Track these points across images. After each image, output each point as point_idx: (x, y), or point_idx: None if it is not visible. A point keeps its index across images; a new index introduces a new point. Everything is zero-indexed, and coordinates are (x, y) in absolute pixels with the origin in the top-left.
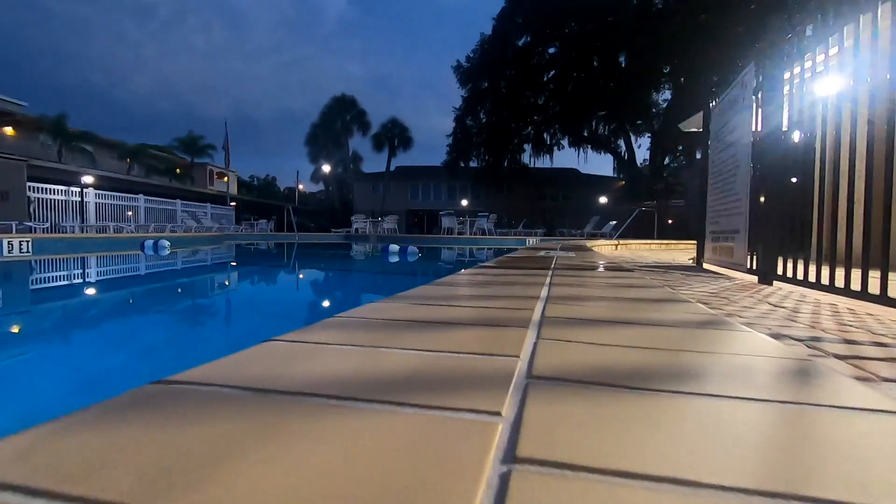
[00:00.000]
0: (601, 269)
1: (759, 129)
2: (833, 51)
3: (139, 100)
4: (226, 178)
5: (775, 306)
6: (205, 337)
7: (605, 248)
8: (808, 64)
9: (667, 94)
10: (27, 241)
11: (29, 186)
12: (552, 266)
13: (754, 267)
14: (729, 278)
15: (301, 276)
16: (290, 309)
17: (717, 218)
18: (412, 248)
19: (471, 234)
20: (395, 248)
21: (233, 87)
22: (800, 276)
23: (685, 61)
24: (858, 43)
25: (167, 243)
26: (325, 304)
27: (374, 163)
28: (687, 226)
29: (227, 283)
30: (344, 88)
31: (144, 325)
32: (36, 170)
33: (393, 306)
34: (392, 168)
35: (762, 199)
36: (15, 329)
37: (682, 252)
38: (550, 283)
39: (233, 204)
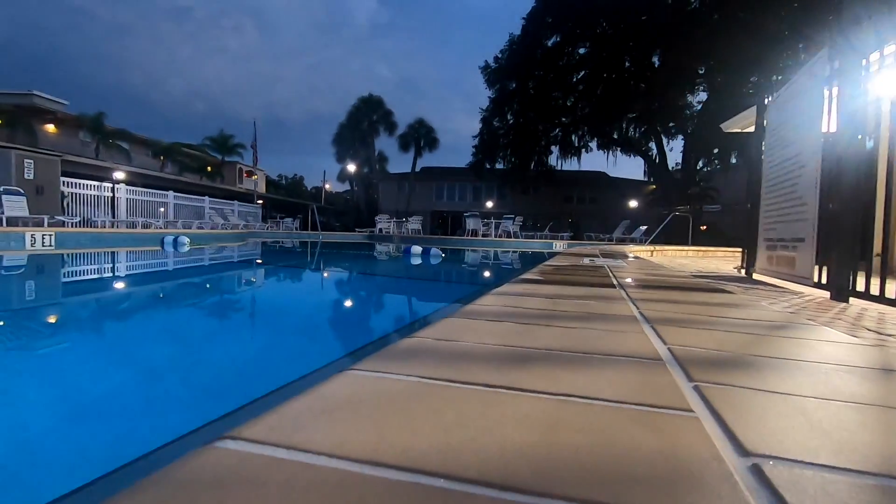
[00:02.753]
0: (677, 282)
1: (832, 124)
2: None
3: (174, 100)
4: (254, 177)
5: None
6: (210, 334)
7: (641, 255)
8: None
9: (701, 96)
10: (50, 235)
11: (63, 181)
12: (613, 278)
13: (824, 281)
14: (793, 293)
15: (320, 275)
16: (300, 310)
17: (774, 224)
18: (435, 250)
19: (496, 236)
20: (417, 249)
21: (264, 88)
22: (888, 293)
23: (722, 61)
24: None
25: (187, 240)
26: (342, 304)
27: (399, 163)
28: (722, 232)
29: (248, 281)
30: (372, 90)
31: (155, 323)
32: (70, 165)
33: (470, 326)
34: (417, 169)
35: (832, 204)
36: (43, 321)
37: (721, 260)
38: (631, 300)
39: (260, 202)
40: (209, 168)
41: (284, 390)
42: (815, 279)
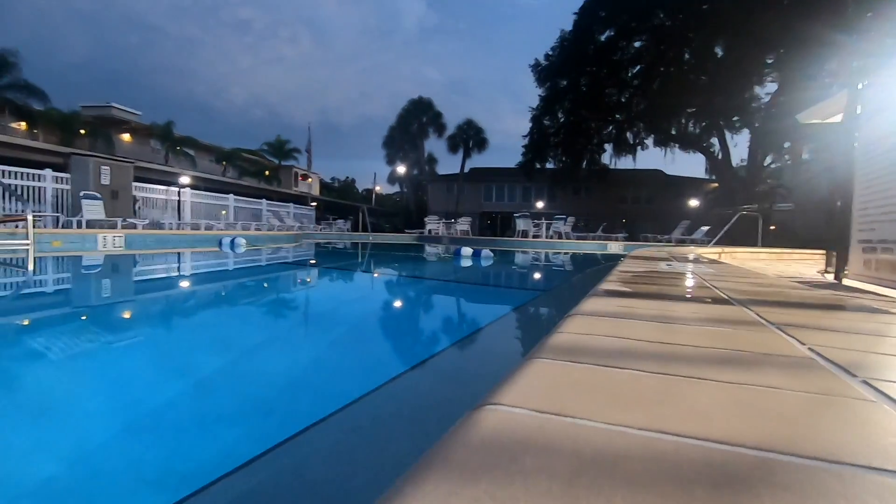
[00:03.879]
0: (800, 295)
1: None
2: None
3: (235, 108)
4: (309, 180)
5: None
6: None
7: (713, 258)
8: None
9: (770, 87)
10: (120, 237)
11: (135, 186)
12: (716, 289)
13: None
14: None
15: (370, 276)
16: (351, 312)
17: (874, 224)
18: (486, 252)
19: (546, 237)
20: (467, 251)
21: (318, 94)
22: None
23: (794, 49)
24: None
25: (243, 241)
26: (392, 309)
27: (448, 164)
28: (794, 232)
29: (302, 281)
30: (421, 93)
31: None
32: (142, 171)
33: (567, 379)
34: (466, 170)
35: None
36: (112, 318)
37: (800, 263)
38: (774, 325)
39: (314, 204)
40: (267, 172)
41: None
42: None
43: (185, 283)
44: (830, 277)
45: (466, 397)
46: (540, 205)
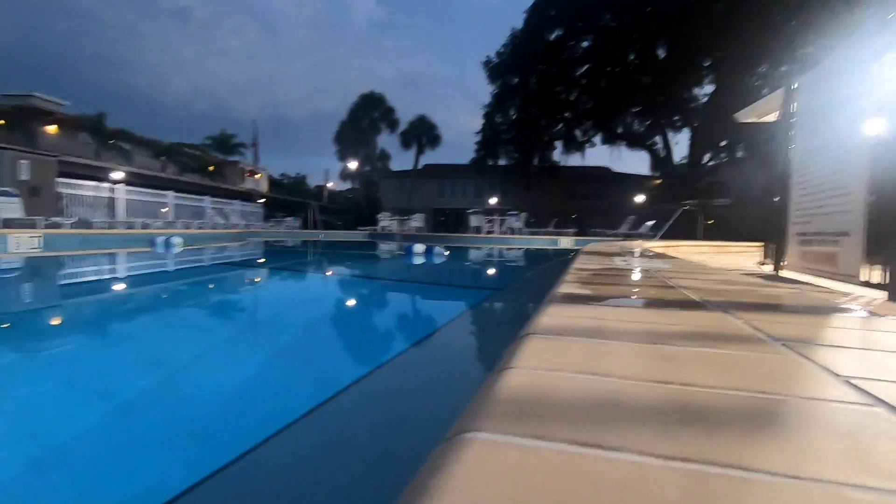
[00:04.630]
0: (772, 294)
1: (886, 100)
2: None
3: (177, 101)
4: (257, 176)
5: None
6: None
7: (656, 250)
8: None
9: (708, 88)
10: (38, 237)
11: (59, 182)
12: (682, 289)
13: (884, 280)
14: (843, 293)
15: (319, 276)
16: (292, 313)
17: (809, 217)
18: (438, 249)
19: (500, 233)
20: (419, 248)
21: (267, 87)
22: None
23: (729, 52)
24: None
25: (178, 240)
26: (338, 308)
27: (401, 160)
28: (731, 226)
29: (246, 283)
30: (373, 88)
31: (136, 324)
32: (69, 166)
33: (529, 468)
34: (419, 166)
35: (887, 192)
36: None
37: (739, 255)
38: (774, 338)
39: (262, 201)
40: (211, 168)
41: None
42: (865, 278)
43: (109, 289)
44: (769, 269)
45: (418, 408)
46: (493, 201)
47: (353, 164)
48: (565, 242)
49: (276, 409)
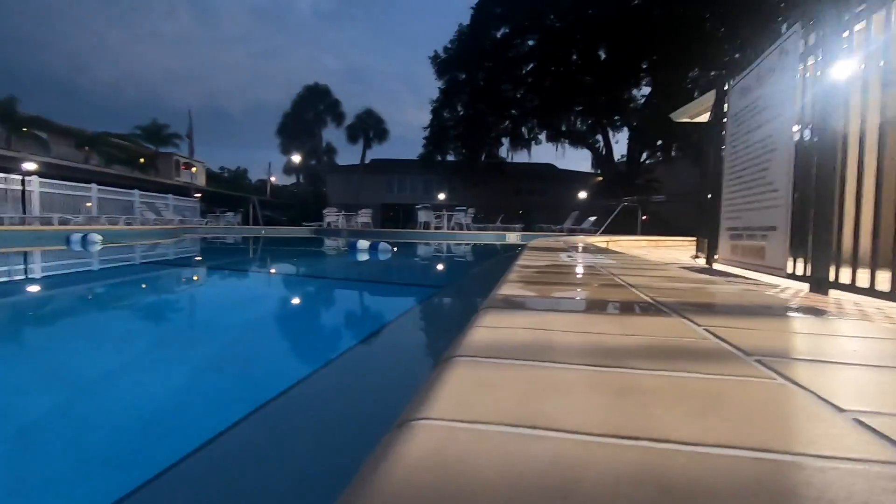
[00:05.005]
0: (721, 292)
1: (809, 102)
2: None
3: (103, 88)
4: (193, 169)
5: None
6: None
7: (599, 244)
8: (878, 17)
9: (645, 90)
10: None
11: None
12: (631, 287)
13: (805, 273)
14: (771, 285)
15: (257, 274)
16: (224, 312)
17: (739, 213)
18: (384, 245)
19: (448, 228)
20: (364, 244)
21: (204, 76)
22: (879, 287)
23: (664, 56)
24: None
25: (98, 237)
26: (275, 309)
27: (348, 155)
28: (665, 221)
29: (176, 283)
30: (319, 80)
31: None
32: None
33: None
34: (367, 161)
35: (808, 189)
36: None
37: (675, 249)
38: (743, 352)
39: (198, 195)
40: (141, 160)
41: None
42: (791, 270)
43: (15, 292)
44: (702, 262)
45: (353, 412)
46: (441, 196)
47: (296, 158)
48: (512, 238)
49: (205, 422)
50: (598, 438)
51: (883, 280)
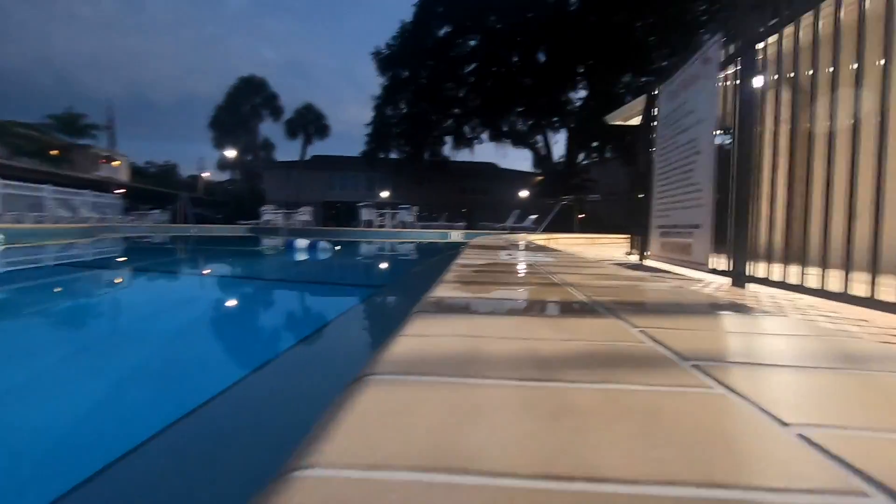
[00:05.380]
0: (663, 292)
1: (728, 108)
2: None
3: (9, 73)
4: (115, 163)
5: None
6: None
7: (540, 243)
8: (788, 31)
9: (582, 93)
10: None
11: None
12: (574, 289)
13: (726, 268)
14: (696, 280)
15: (179, 278)
16: (131, 326)
17: (668, 211)
18: (323, 243)
19: (391, 226)
20: (302, 243)
21: (128, 63)
22: (790, 280)
23: (599, 61)
24: None
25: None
26: (198, 316)
27: (287, 151)
28: (601, 220)
29: (87, 287)
30: (256, 72)
31: None
32: None
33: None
34: (307, 157)
35: (734, 189)
36: None
37: (610, 246)
38: (684, 358)
39: (120, 191)
40: (54, 152)
41: None
42: (713, 266)
43: None
44: (635, 258)
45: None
46: (384, 194)
47: (230, 153)
48: (456, 236)
49: (112, 443)
50: (526, 483)
51: (793, 274)
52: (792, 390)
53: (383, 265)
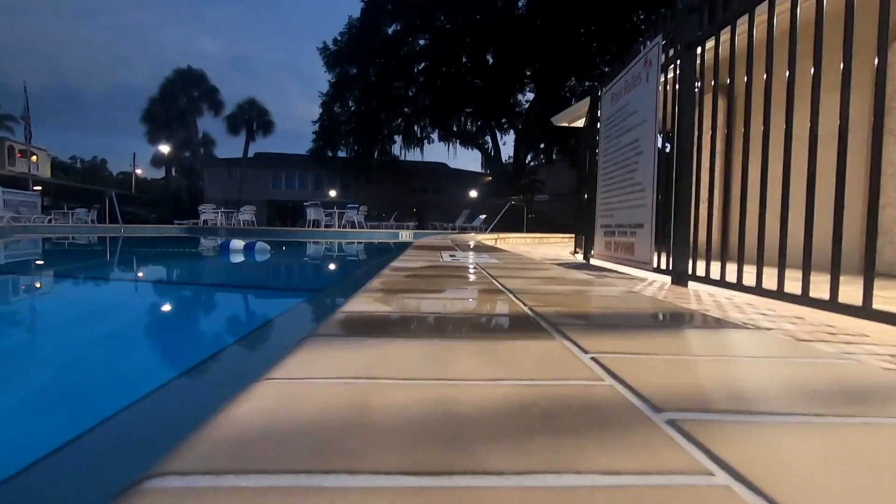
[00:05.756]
0: (614, 301)
1: (668, 110)
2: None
3: None
4: (33, 158)
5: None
6: None
7: (489, 242)
8: (724, 36)
9: (529, 95)
10: None
11: None
12: (513, 297)
13: (668, 266)
14: (640, 279)
15: (94, 283)
16: (45, 329)
17: (612, 211)
18: (261, 244)
19: (339, 226)
20: (237, 244)
21: (48, 50)
22: (730, 278)
23: (545, 64)
24: None
25: None
26: (108, 326)
27: (229, 147)
28: (549, 219)
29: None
30: (195, 64)
31: None
32: None
33: None
34: (251, 154)
35: (675, 189)
36: None
37: (556, 246)
38: (624, 386)
39: (37, 188)
40: None
41: None
42: (656, 264)
43: None
44: (580, 257)
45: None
46: (333, 194)
47: (165, 148)
48: (406, 236)
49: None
50: None
51: (731, 272)
52: (817, 476)
53: (324, 267)
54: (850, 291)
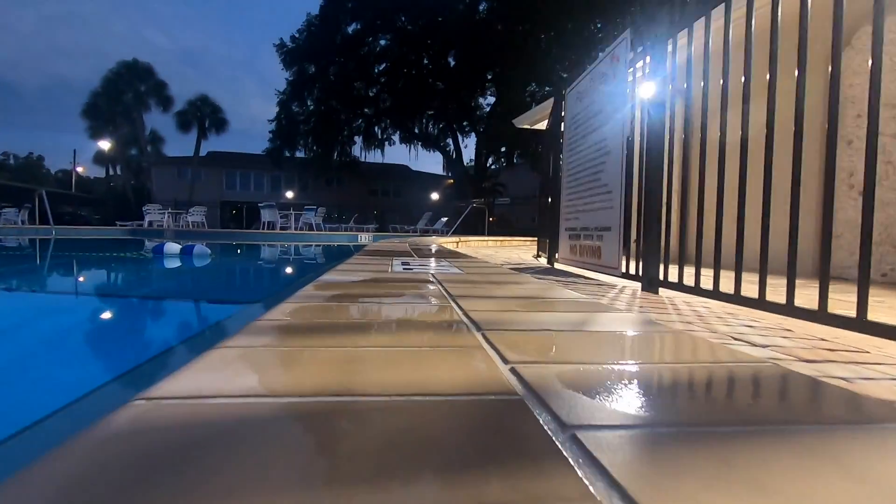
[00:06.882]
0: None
1: (637, 108)
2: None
3: None
4: None
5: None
6: None
7: (450, 246)
8: (682, 42)
9: (490, 99)
10: None
11: None
12: (474, 331)
13: (637, 272)
14: (611, 285)
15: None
16: None
17: (577, 214)
18: (200, 248)
19: (296, 229)
20: (173, 248)
21: None
22: (704, 285)
23: (506, 68)
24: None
25: None
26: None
27: (180, 145)
28: (510, 223)
29: None
30: (143, 57)
31: None
32: None
33: None
34: (203, 153)
35: (644, 192)
36: None
37: (519, 249)
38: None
39: None
40: None
41: None
42: (624, 269)
43: None
44: (544, 261)
45: None
46: (290, 195)
47: (106, 144)
48: (365, 239)
49: None
50: None
51: (707, 279)
52: None
53: (271, 274)
54: (809, 294)
